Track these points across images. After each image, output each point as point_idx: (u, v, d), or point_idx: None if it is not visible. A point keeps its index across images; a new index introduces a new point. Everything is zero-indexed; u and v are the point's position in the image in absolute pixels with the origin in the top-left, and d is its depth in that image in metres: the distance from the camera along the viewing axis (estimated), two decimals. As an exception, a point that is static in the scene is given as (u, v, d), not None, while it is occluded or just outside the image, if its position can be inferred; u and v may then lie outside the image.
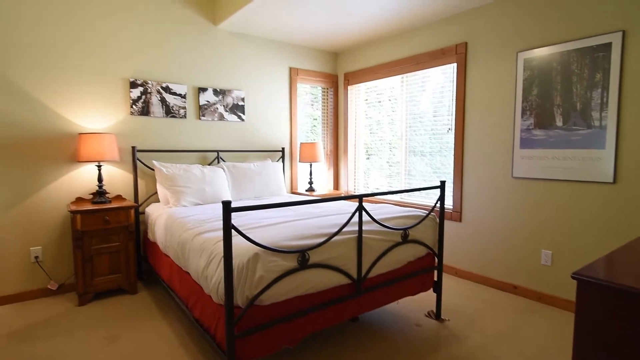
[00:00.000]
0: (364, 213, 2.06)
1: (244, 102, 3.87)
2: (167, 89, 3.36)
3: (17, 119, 2.74)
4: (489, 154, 3.11)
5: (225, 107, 3.74)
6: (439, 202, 2.47)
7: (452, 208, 3.42)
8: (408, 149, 3.89)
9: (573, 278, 0.96)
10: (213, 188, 3.20)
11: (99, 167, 2.93)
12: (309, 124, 4.57)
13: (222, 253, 1.76)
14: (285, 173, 4.27)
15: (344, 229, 1.95)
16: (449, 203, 3.47)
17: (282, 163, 4.10)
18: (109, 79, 3.09)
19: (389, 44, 3.94)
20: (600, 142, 2.47)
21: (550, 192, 2.75)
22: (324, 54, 4.53)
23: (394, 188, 4.10)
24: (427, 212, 2.43)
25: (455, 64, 3.32)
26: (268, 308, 1.68)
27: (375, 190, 4.33)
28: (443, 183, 2.45)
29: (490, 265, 3.15)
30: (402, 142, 3.94)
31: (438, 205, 3.20)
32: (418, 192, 3.35)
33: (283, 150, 4.16)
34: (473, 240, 3.27)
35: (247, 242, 1.67)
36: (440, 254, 2.52)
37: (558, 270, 2.73)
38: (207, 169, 3.27)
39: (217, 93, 3.66)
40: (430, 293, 2.96)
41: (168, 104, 3.38)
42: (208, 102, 3.61)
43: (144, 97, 3.25)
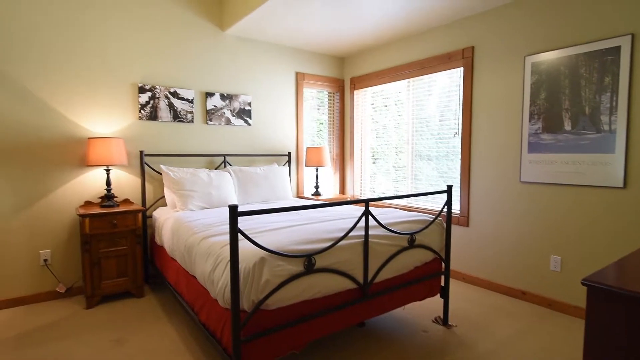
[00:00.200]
0: (370, 217, 2.06)
1: (251, 106, 3.89)
2: (174, 94, 3.40)
3: (28, 124, 2.78)
4: (497, 159, 3.09)
5: (232, 111, 3.76)
6: (446, 206, 2.45)
7: (459, 213, 3.40)
8: (414, 153, 3.88)
9: (583, 284, 0.94)
10: (220, 192, 3.21)
11: (108, 171, 2.96)
12: (315, 128, 4.58)
13: (228, 257, 1.77)
14: (292, 177, 4.28)
15: (350, 234, 1.95)
16: (456, 208, 3.44)
17: (288, 167, 4.11)
18: (118, 84, 3.13)
19: (395, 49, 3.94)
20: (610, 146, 2.44)
21: (559, 197, 2.72)
22: (330, 59, 4.54)
23: (400, 192, 4.09)
24: (433, 216, 2.41)
25: (462, 68, 3.31)
26: (274, 312, 1.68)
27: (382, 195, 4.32)
28: (450, 187, 2.43)
29: (498, 271, 3.12)
30: (408, 146, 3.93)
31: (445, 210, 3.18)
32: (425, 196, 3.34)
33: (289, 155, 4.17)
34: (481, 245, 3.24)
35: (253, 246, 1.67)
36: (448, 259, 2.50)
37: (567, 276, 2.70)
38: (213, 173, 3.29)
39: (224, 98, 3.69)
40: (438, 298, 2.94)
41: (176, 109, 3.41)
42: (215, 106, 3.64)
43: (152, 102, 3.29)
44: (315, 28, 3.55)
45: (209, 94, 3.60)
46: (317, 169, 4.25)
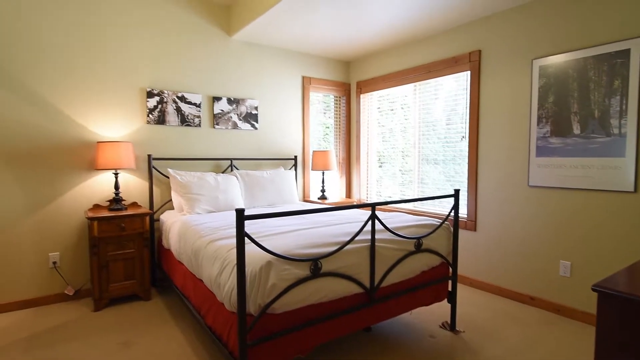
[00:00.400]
0: (377, 222, 2.05)
1: (257, 110, 3.91)
2: (182, 99, 3.43)
3: (39, 128, 2.83)
4: (504, 162, 3.06)
5: (239, 115, 3.79)
6: (453, 210, 2.44)
7: (466, 217, 3.37)
8: (421, 157, 3.86)
9: (594, 290, 0.93)
10: (226, 196, 3.23)
11: (116, 174, 2.99)
12: (322, 132, 4.59)
13: (235, 261, 1.77)
14: (298, 181, 4.29)
15: (357, 238, 1.94)
16: (463, 212, 3.42)
17: (294, 171, 4.12)
18: (127, 89, 3.17)
19: (402, 53, 3.94)
20: (620, 150, 2.41)
21: (568, 201, 2.69)
22: (337, 63, 4.56)
23: (407, 196, 4.07)
24: (440, 221, 2.40)
25: (469, 72, 3.30)
26: (280, 316, 1.68)
27: (388, 199, 4.31)
28: (457, 191, 2.42)
29: (507, 276, 3.08)
30: (415, 150, 3.92)
31: (452, 214, 3.16)
32: (431, 200, 3.32)
33: (295, 159, 4.18)
34: (488, 250, 3.21)
35: (259, 249, 1.67)
36: (455, 264, 2.48)
37: (577, 282, 2.66)
38: (220, 177, 3.31)
39: (231, 102, 3.72)
40: (445, 303, 2.91)
41: (183, 113, 3.45)
42: (222, 111, 3.67)
43: (160, 106, 3.32)
44: (322, 33, 3.57)
45: (216, 99, 3.63)
46: (323, 173, 4.25)
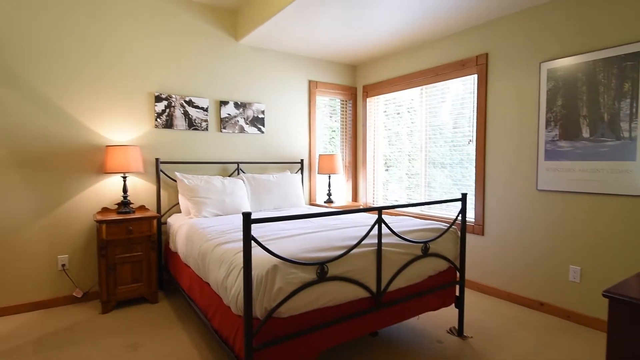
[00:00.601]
0: (384, 225, 2.04)
1: (264, 114, 3.93)
2: (190, 103, 3.46)
3: (50, 132, 2.87)
4: (512, 166, 3.04)
5: (246, 119, 3.81)
6: (461, 214, 2.42)
7: (474, 221, 3.35)
8: (428, 161, 3.85)
9: (604, 296, 0.92)
10: (233, 199, 3.24)
11: (124, 178, 3.02)
12: (328, 136, 4.59)
13: (241, 264, 1.78)
14: (304, 185, 4.29)
15: (363, 242, 1.94)
16: (471, 216, 3.39)
17: (300, 175, 4.12)
18: (136, 94, 3.21)
19: (408, 56, 3.94)
20: (631, 153, 2.38)
21: (578, 205, 2.65)
22: (343, 67, 4.57)
23: (414, 200, 4.05)
24: (448, 225, 2.38)
25: (476, 75, 3.29)
26: (286, 320, 1.67)
27: (394, 203, 4.29)
28: (464, 195, 2.40)
29: (515, 281, 3.05)
30: (421, 153, 3.90)
31: (459, 218, 3.13)
32: (438, 204, 3.30)
33: (302, 162, 4.19)
34: (496, 255, 3.18)
35: (266, 253, 1.68)
36: (462, 269, 2.46)
37: (587, 287, 2.62)
38: (227, 181, 3.32)
39: (237, 106, 3.74)
40: (452, 308, 2.88)
41: (191, 117, 3.48)
42: (229, 115, 3.69)
43: (168, 110, 3.35)
44: (328, 37, 3.59)
45: (223, 103, 3.65)
46: (329, 177, 4.25)
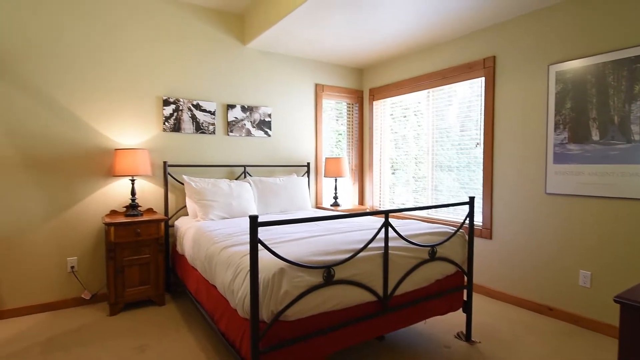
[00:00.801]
0: (390, 229, 2.04)
1: (271, 118, 3.95)
2: (197, 106, 3.49)
3: (60, 136, 2.91)
4: (520, 170, 3.01)
5: (253, 123, 3.83)
6: (468, 218, 2.40)
7: (481, 225, 3.32)
8: (435, 164, 3.83)
9: (616, 302, 0.90)
10: (240, 202, 3.25)
11: (133, 181, 3.05)
12: (334, 139, 4.59)
13: (248, 267, 1.78)
14: (311, 188, 4.29)
15: (370, 245, 1.93)
16: (478, 219, 3.37)
17: (307, 178, 4.13)
18: (144, 98, 3.24)
19: (415, 59, 3.94)
20: (642, 157, 2.34)
21: (588, 209, 2.62)
22: (349, 70, 4.58)
23: (420, 203, 4.03)
24: (455, 228, 2.37)
25: (484, 78, 3.27)
26: (293, 324, 1.67)
27: (401, 206, 4.27)
28: (472, 199, 2.39)
29: (524, 286, 3.01)
30: (428, 156, 3.89)
31: (467, 222, 3.11)
32: (446, 208, 3.28)
33: (308, 165, 4.19)
34: (504, 259, 3.14)
35: (272, 256, 1.68)
36: (470, 273, 2.44)
37: (598, 293, 2.58)
38: (234, 184, 3.34)
39: (244, 110, 3.77)
40: (460, 313, 2.86)
41: (198, 121, 3.50)
42: (236, 118, 3.72)
43: (176, 114, 3.39)
44: (334, 41, 3.60)
45: (230, 106, 3.68)
46: (336, 180, 4.25)
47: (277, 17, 3.09)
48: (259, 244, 1.55)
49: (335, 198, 4.21)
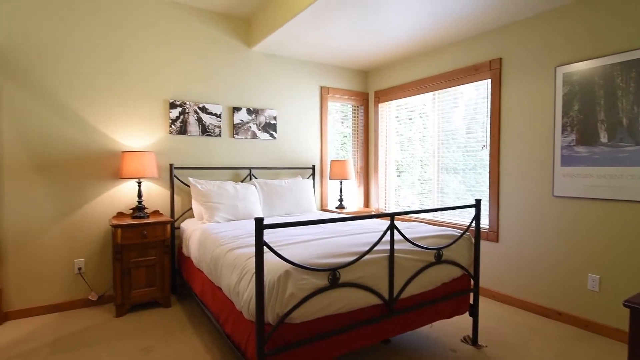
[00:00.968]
0: (396, 232, 2.03)
1: (276, 120, 3.96)
2: (203, 109, 3.51)
3: (67, 138, 2.94)
4: (527, 172, 2.99)
5: (258, 125, 3.84)
6: (474, 221, 2.39)
7: (488, 228, 3.29)
8: (440, 166, 3.81)
9: (625, 306, 0.89)
10: (245, 204, 3.26)
11: (139, 183, 3.08)
12: (339, 141, 4.60)
13: (253, 269, 1.78)
14: (316, 190, 4.29)
15: (375, 248, 1.93)
16: (485, 222, 3.34)
17: (312, 180, 4.13)
18: (151, 101, 3.27)
19: (420, 62, 3.93)
20: (651, 159, 2.31)
21: (596, 212, 2.59)
22: (355, 73, 4.58)
23: (426, 206, 4.01)
24: (461, 231, 2.35)
25: (490, 80, 3.26)
26: (298, 327, 1.67)
27: (407, 209, 4.26)
28: (478, 202, 2.37)
29: (531, 289, 2.98)
30: (434, 159, 3.87)
31: (473, 225, 3.09)
32: (452, 210, 3.26)
33: (313, 168, 4.20)
34: (511, 262, 3.12)
35: (278, 259, 1.68)
36: (477, 276, 2.42)
37: (607, 297, 2.54)
38: (239, 186, 3.35)
39: (250, 112, 3.78)
40: (466, 317, 2.84)
41: (204, 123, 3.52)
42: (242, 121, 3.73)
43: (182, 117, 3.41)
44: (339, 44, 3.60)
45: (236, 109, 3.70)
46: (341, 182, 4.25)
47: (283, 19, 3.11)
48: (265, 246, 1.55)
49: (341, 200, 4.20)
